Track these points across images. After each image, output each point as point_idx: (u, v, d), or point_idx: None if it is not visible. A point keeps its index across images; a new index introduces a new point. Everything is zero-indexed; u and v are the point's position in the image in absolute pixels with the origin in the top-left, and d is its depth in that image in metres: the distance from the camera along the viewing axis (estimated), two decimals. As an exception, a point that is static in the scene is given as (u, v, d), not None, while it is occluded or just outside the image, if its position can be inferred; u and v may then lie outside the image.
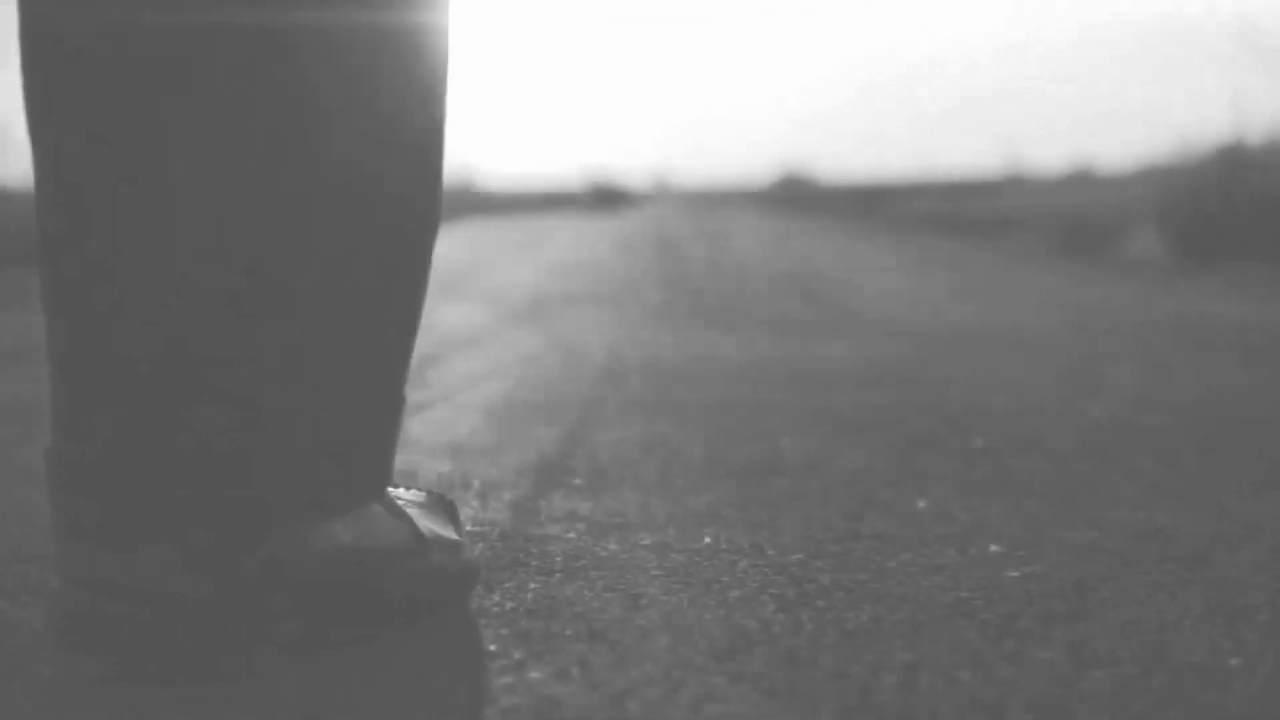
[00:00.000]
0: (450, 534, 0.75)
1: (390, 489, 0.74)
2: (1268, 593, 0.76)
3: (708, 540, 0.88)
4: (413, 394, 1.52)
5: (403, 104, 0.68)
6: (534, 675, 0.63)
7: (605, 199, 27.75)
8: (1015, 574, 0.80)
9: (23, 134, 0.70)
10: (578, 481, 1.07)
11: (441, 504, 0.78)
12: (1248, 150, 6.84)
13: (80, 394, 0.66)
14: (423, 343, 0.96)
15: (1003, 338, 2.24)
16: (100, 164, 0.65)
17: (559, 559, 0.84)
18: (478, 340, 2.21)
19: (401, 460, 1.15)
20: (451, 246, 6.00)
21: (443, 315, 2.64)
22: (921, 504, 0.99)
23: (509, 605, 0.74)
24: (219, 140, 0.63)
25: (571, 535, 0.90)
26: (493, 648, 0.67)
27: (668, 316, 2.68)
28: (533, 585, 0.78)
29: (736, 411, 1.43)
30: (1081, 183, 16.70)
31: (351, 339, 0.68)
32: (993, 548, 0.87)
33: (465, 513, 0.96)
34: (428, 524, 0.73)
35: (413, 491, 0.78)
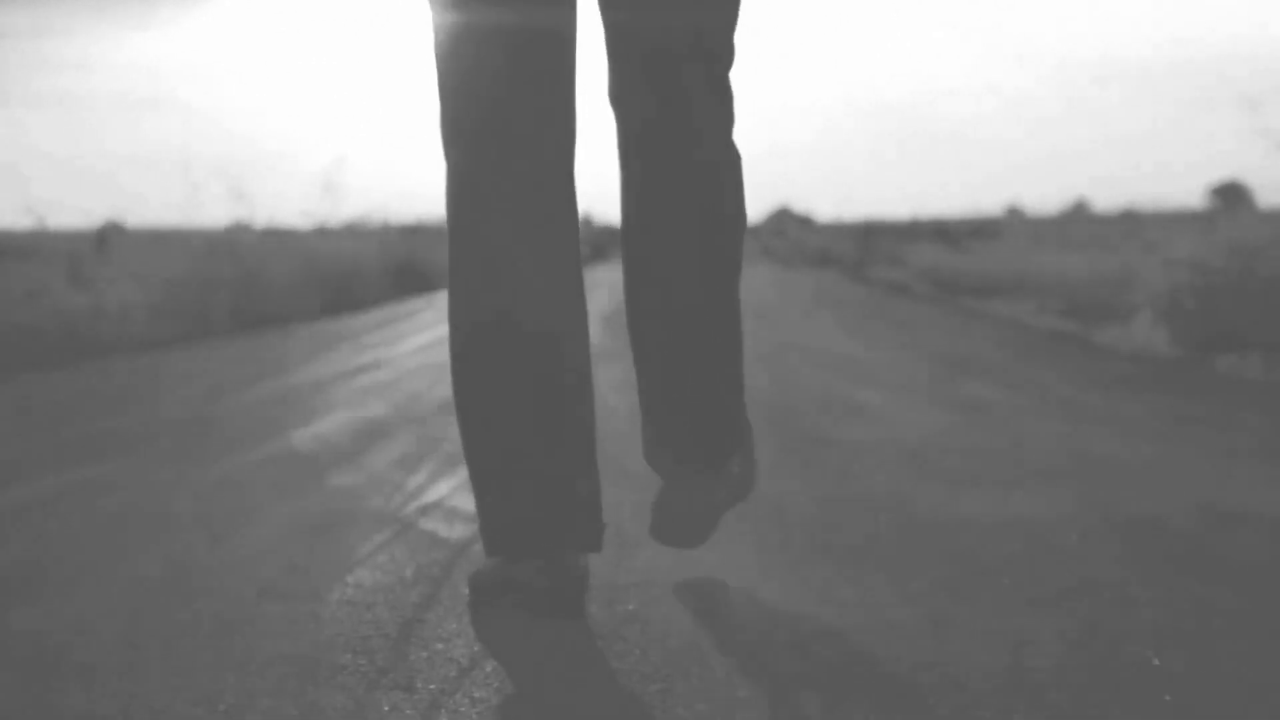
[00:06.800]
0: None
1: None
2: None
3: None
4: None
5: None
6: None
7: (602, 245, 27.47)
8: None
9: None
10: None
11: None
12: (1246, 194, 6.70)
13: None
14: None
15: (1020, 545, 2.08)
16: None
17: None
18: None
19: None
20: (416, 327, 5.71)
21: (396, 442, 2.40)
22: None
23: None
24: None
25: None
26: None
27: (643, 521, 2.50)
28: None
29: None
30: (1077, 218, 16.77)
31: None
32: None
33: None
34: None
35: None
